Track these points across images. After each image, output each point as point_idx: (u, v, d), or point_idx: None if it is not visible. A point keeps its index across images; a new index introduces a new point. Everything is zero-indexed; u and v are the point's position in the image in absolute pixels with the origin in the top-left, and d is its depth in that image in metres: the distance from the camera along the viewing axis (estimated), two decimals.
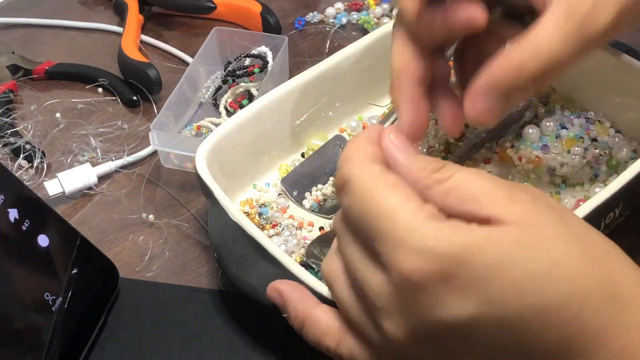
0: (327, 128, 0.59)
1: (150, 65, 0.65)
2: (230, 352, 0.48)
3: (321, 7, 0.74)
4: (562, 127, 0.57)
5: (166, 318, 0.50)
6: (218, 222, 0.48)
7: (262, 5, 0.71)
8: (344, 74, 0.57)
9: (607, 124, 0.57)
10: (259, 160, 0.56)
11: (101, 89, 0.67)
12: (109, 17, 0.76)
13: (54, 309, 0.45)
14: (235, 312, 0.50)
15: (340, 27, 0.72)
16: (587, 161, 0.55)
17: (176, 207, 0.57)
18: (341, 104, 0.59)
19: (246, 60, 0.64)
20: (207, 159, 0.50)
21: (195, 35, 0.72)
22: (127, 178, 0.60)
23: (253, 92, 0.63)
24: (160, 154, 0.60)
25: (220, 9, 0.72)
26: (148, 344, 0.49)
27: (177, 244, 0.55)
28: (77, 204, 0.58)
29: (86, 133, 0.63)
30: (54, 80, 0.69)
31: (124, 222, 0.57)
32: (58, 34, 0.74)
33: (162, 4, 0.74)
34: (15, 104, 0.66)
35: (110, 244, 0.55)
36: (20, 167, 0.60)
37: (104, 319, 0.49)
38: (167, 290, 0.52)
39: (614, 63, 0.55)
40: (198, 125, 0.61)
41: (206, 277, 0.53)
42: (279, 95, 0.55)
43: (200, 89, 0.64)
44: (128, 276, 0.52)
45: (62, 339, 0.45)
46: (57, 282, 0.46)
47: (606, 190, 0.47)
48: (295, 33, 0.72)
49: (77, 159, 0.61)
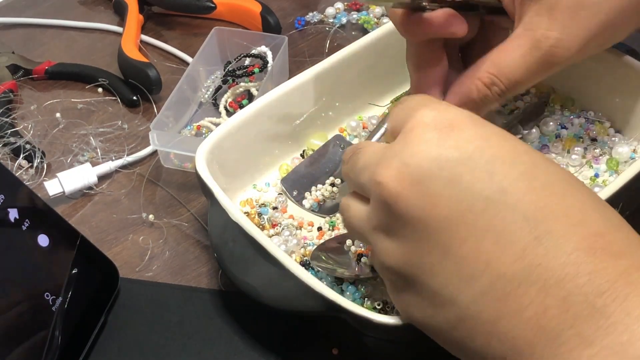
0: (327, 128, 0.59)
1: (150, 65, 0.65)
2: (230, 352, 0.48)
3: (321, 7, 0.74)
4: (562, 127, 0.57)
5: (166, 318, 0.50)
6: (218, 222, 0.48)
7: (262, 5, 0.71)
8: (344, 74, 0.57)
9: (607, 124, 0.57)
10: (259, 160, 0.56)
11: (101, 89, 0.67)
12: (109, 17, 0.76)
13: (54, 309, 0.45)
14: (235, 312, 0.50)
15: (340, 27, 0.72)
16: (587, 161, 0.55)
17: (176, 207, 0.57)
18: (341, 104, 0.59)
19: (246, 60, 0.64)
20: (207, 158, 0.50)
21: (195, 35, 0.72)
22: (127, 178, 0.60)
23: (253, 92, 0.63)
24: (160, 154, 0.60)
25: (220, 9, 0.72)
26: (148, 344, 0.49)
27: (177, 243, 0.55)
28: (77, 204, 0.58)
29: (86, 133, 0.63)
30: (54, 80, 0.69)
31: (124, 222, 0.57)
32: (58, 34, 0.74)
33: (162, 4, 0.74)
34: (15, 104, 0.66)
35: (110, 243, 0.55)
36: (20, 167, 0.60)
37: (104, 319, 0.49)
38: (167, 290, 0.52)
39: (614, 63, 0.55)
40: (198, 125, 0.61)
41: (206, 277, 0.53)
42: (278, 95, 0.55)
43: (200, 88, 0.64)
44: (128, 276, 0.52)
45: (62, 338, 0.45)
46: (57, 282, 0.46)
47: (606, 190, 0.47)
48: (295, 33, 0.72)
49: (77, 158, 0.61)
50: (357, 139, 0.58)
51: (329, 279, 0.48)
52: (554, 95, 0.59)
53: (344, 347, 0.48)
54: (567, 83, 0.58)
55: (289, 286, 0.44)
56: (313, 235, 0.52)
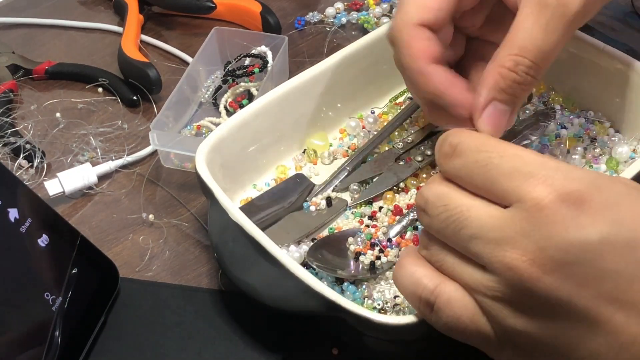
0: (327, 128, 0.59)
1: (150, 65, 0.65)
2: (230, 352, 0.48)
3: (321, 7, 0.74)
4: (562, 127, 0.57)
5: (166, 318, 0.50)
6: (218, 222, 0.48)
7: (262, 5, 0.71)
8: (344, 74, 0.57)
9: (606, 123, 0.57)
10: (259, 160, 0.56)
11: (101, 89, 0.67)
12: (109, 17, 0.76)
13: (54, 308, 0.45)
14: (235, 312, 0.50)
15: (340, 27, 0.72)
16: (587, 161, 0.55)
17: (176, 206, 0.57)
18: (341, 104, 0.59)
19: (246, 60, 0.64)
20: (207, 158, 0.50)
21: (195, 35, 0.72)
22: (127, 178, 0.60)
23: (253, 91, 0.63)
24: (160, 153, 0.60)
25: (220, 9, 0.72)
26: (148, 344, 0.49)
27: (177, 243, 0.55)
28: (77, 204, 0.58)
29: (86, 133, 0.63)
30: (54, 80, 0.69)
31: (124, 222, 0.57)
32: (58, 34, 0.74)
33: (162, 4, 0.74)
34: (15, 104, 0.66)
35: (110, 243, 0.55)
36: (20, 167, 0.60)
37: (104, 318, 0.49)
38: (167, 290, 0.52)
39: (614, 63, 0.55)
40: (198, 125, 0.61)
41: (206, 277, 0.53)
42: (278, 95, 0.55)
43: (200, 88, 0.64)
44: (128, 276, 0.52)
45: (62, 338, 0.45)
46: (57, 282, 0.46)
47: None
48: (295, 33, 0.72)
49: (77, 158, 0.61)
50: (356, 139, 0.58)
51: (329, 279, 0.48)
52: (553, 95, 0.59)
53: (344, 347, 0.48)
54: (567, 83, 0.58)
55: (289, 286, 0.44)
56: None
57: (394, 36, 0.46)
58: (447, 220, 0.37)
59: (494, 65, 0.42)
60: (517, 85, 0.41)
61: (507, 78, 0.41)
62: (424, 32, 0.45)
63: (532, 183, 0.35)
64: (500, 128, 0.42)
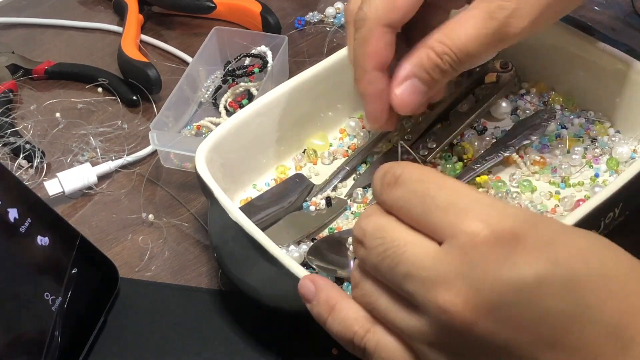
0: (327, 128, 0.59)
1: (150, 65, 0.65)
2: (230, 352, 0.48)
3: (321, 7, 0.74)
4: (562, 127, 0.57)
5: (166, 318, 0.50)
6: (218, 222, 0.48)
7: (262, 5, 0.71)
8: (343, 74, 0.57)
9: (607, 123, 0.57)
10: (259, 160, 0.56)
11: (101, 89, 0.67)
12: (108, 17, 0.76)
13: (54, 309, 0.45)
14: (235, 312, 0.50)
15: (340, 26, 0.72)
16: (587, 161, 0.55)
17: (176, 206, 0.57)
18: (341, 104, 0.59)
19: (246, 60, 0.64)
20: (207, 158, 0.50)
21: (195, 35, 0.72)
22: (127, 178, 0.60)
23: (253, 91, 0.63)
24: (160, 153, 0.60)
25: (220, 9, 0.72)
26: (148, 344, 0.49)
27: (177, 243, 0.55)
28: (77, 204, 0.58)
29: (86, 133, 0.63)
30: (53, 80, 0.69)
31: (124, 222, 0.57)
32: (58, 33, 0.74)
33: (162, 4, 0.74)
34: (15, 104, 0.66)
35: (110, 243, 0.55)
36: (20, 167, 0.60)
37: (104, 319, 0.49)
38: (166, 290, 0.52)
39: (614, 63, 0.55)
40: (198, 125, 0.61)
41: (206, 277, 0.53)
42: (278, 95, 0.55)
43: (200, 88, 0.64)
44: (128, 276, 0.52)
45: (62, 338, 0.45)
46: (57, 282, 0.46)
47: (606, 190, 0.47)
48: (295, 33, 0.72)
49: (77, 158, 0.61)
50: (356, 139, 0.58)
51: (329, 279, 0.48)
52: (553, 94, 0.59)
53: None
54: (567, 83, 0.58)
55: (289, 286, 0.44)
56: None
57: (362, 31, 0.46)
58: (383, 254, 0.35)
59: (424, 45, 0.45)
60: (438, 70, 0.44)
61: (431, 60, 0.44)
62: (387, 36, 0.46)
63: (466, 218, 0.33)
64: (412, 104, 0.46)
